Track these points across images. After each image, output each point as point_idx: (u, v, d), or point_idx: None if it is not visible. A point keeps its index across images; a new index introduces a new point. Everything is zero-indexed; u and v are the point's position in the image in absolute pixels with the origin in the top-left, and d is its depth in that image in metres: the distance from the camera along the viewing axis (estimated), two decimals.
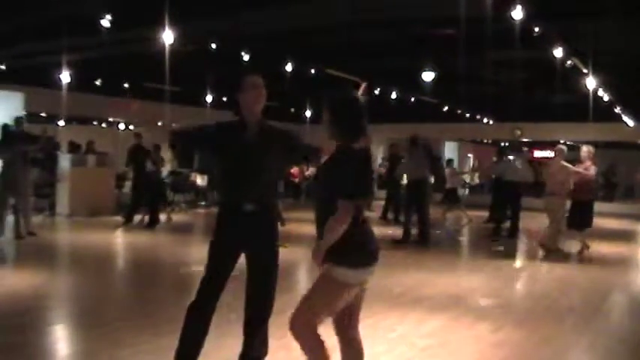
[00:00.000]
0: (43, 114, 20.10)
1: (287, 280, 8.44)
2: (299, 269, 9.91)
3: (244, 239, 4.40)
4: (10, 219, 12.00)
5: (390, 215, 16.81)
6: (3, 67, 16.74)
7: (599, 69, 14.49)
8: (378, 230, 12.88)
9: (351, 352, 4.05)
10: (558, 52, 12.41)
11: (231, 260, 4.46)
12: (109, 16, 11.27)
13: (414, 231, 12.82)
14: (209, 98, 20.74)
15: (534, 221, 16.42)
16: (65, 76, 15.83)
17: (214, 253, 4.45)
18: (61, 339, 6.13)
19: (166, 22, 11.05)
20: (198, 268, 4.79)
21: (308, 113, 25.01)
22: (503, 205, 14.61)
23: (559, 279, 9.87)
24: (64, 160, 16.14)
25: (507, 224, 14.33)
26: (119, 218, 14.58)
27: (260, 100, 4.43)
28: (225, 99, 20.65)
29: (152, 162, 14.29)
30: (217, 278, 4.41)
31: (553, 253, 11.42)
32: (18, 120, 12.38)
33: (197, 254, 10.62)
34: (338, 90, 4.04)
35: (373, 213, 15.80)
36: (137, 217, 14.49)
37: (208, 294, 4.41)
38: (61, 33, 12.24)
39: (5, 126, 12.05)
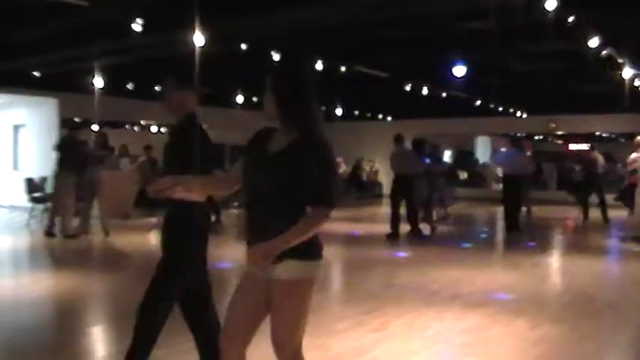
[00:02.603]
0: (76, 119, 20.34)
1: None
2: (333, 269, 9.88)
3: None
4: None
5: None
6: (37, 73, 16.98)
7: (635, 58, 14.25)
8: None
9: None
10: (593, 42, 12.22)
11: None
12: (139, 20, 11.36)
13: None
14: (240, 99, 20.81)
15: (567, 214, 16.28)
16: (98, 81, 16.00)
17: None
18: (100, 340, 6.18)
19: (196, 24, 11.09)
20: (232, 267, 4.81)
21: (339, 111, 24.97)
22: (507, 200, 14.17)
23: (597, 274, 9.72)
24: None
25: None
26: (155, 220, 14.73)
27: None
28: (255, 99, 20.70)
29: None
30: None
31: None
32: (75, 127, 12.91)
33: (231, 254, 10.65)
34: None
35: None
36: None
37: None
38: (93, 38, 12.38)
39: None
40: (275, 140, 3.19)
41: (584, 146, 33.52)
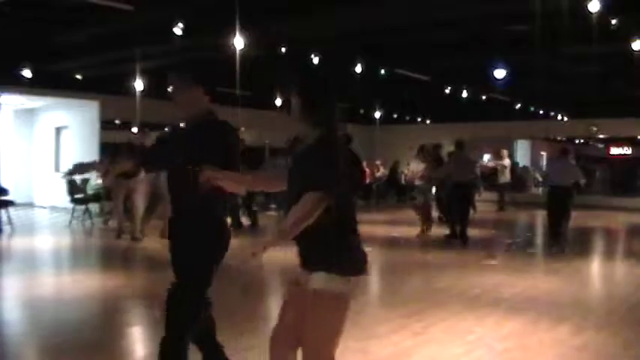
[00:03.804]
0: (117, 121, 20.61)
1: None
2: (373, 272, 9.83)
3: None
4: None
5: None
6: (79, 76, 17.24)
7: None
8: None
9: None
10: (636, 45, 12.03)
11: None
12: (181, 24, 11.46)
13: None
14: (278, 102, 20.87)
15: (612, 221, 16.00)
16: (139, 84, 16.19)
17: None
18: (140, 340, 6.23)
19: (237, 27, 11.16)
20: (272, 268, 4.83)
21: (377, 114, 24.94)
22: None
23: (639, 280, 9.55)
24: None
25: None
26: None
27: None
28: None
29: None
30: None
31: None
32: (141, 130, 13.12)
33: (270, 256, 10.63)
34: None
35: None
36: None
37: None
38: (135, 42, 12.53)
39: None
40: (303, 143, 3.35)
41: (627, 150, 33.07)
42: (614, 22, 10.67)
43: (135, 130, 21.15)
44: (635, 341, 6.01)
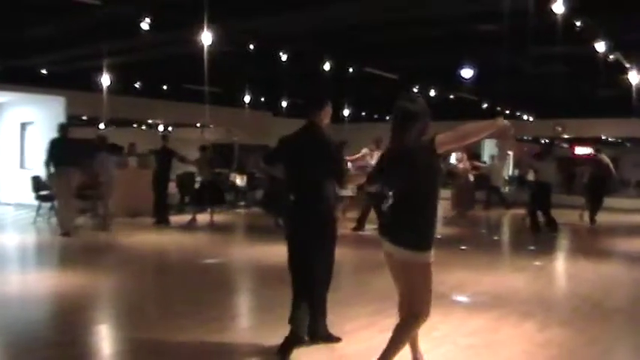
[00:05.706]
0: (84, 117, 20.38)
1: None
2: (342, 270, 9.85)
3: None
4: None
5: None
6: (45, 71, 17.02)
7: None
8: None
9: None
10: (600, 47, 12.20)
11: None
12: (148, 19, 11.37)
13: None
14: (247, 99, 20.82)
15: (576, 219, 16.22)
16: (105, 80, 16.03)
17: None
18: (106, 338, 6.19)
19: (205, 23, 11.10)
20: (241, 266, 4.85)
21: (346, 112, 24.96)
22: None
23: (604, 278, 9.65)
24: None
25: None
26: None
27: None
28: (263, 99, 20.72)
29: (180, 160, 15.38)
30: None
31: None
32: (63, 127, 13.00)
33: (239, 253, 10.67)
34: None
35: None
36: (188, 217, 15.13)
37: None
38: (101, 37, 12.40)
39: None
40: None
41: (590, 150, 33.50)
42: (578, 23, 10.81)
43: (102, 126, 21.05)
44: (599, 337, 6.12)
